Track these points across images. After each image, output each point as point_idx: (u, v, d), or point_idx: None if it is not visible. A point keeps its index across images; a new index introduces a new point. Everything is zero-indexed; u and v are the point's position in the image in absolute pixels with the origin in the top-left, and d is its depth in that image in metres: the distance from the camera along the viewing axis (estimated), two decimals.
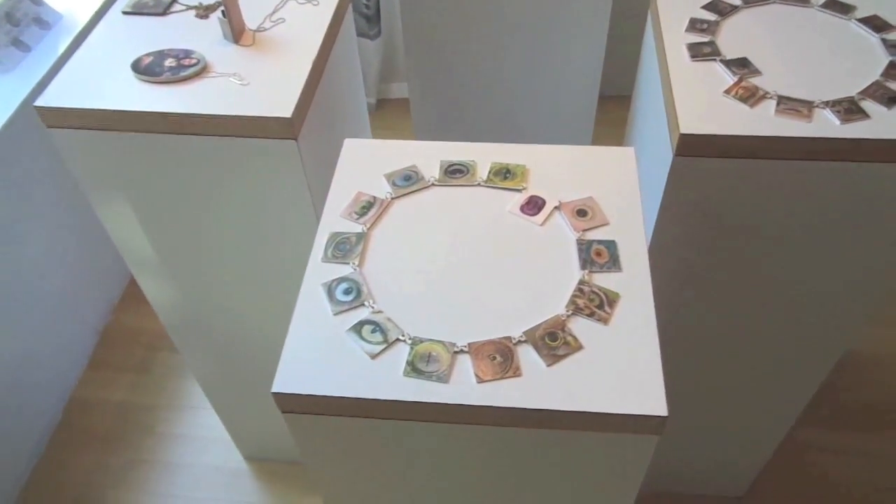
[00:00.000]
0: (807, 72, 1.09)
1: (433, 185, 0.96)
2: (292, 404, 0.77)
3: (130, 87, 1.12)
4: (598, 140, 1.74)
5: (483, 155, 0.99)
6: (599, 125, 1.66)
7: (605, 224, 0.90)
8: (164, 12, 1.28)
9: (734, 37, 1.16)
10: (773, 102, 1.04)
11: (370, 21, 2.57)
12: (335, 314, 0.82)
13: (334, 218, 0.93)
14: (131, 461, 2.01)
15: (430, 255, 0.88)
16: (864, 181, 1.03)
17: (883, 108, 1.02)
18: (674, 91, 1.06)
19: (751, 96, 1.05)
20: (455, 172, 0.97)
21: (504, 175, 0.96)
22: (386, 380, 0.76)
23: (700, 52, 1.13)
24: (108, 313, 2.33)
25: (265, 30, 1.24)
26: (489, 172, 0.96)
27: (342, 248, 0.89)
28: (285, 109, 1.07)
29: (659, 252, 1.14)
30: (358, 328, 0.80)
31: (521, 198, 0.93)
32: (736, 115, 1.03)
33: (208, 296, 1.43)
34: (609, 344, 0.78)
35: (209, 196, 1.20)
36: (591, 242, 0.87)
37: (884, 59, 1.10)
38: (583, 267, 0.85)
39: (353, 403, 0.76)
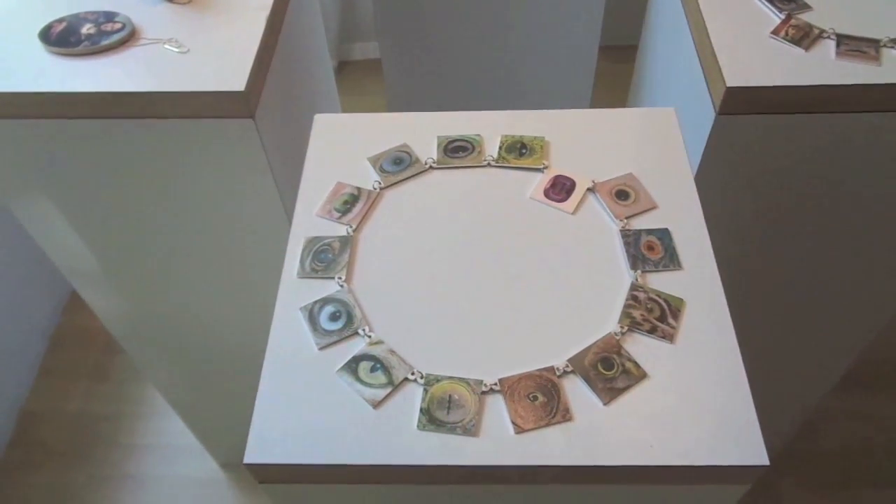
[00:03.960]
0: (864, 4, 0.91)
1: (431, 167, 0.76)
2: (272, 475, 0.58)
3: (40, 62, 0.90)
4: (598, 97, 1.55)
5: (489, 126, 0.80)
6: (599, 78, 1.47)
7: (653, 208, 0.72)
8: None
9: None
10: (832, 43, 0.86)
11: None
12: (320, 348, 0.63)
13: (309, 218, 0.73)
14: (93, 477, 1.82)
15: (437, 260, 0.69)
16: None
17: None
18: (710, 35, 0.87)
19: (804, 37, 0.87)
20: (457, 150, 0.77)
21: (519, 151, 0.77)
22: (395, 436, 0.58)
23: None
24: (58, 315, 2.10)
25: None
26: (500, 148, 0.77)
27: (323, 258, 0.69)
28: (237, 81, 0.86)
29: None
30: (352, 366, 0.62)
31: (543, 179, 0.74)
32: (789, 60, 0.85)
33: (161, 302, 1.22)
34: (680, 368, 0.60)
35: (151, 190, 0.99)
36: (639, 233, 0.69)
37: None
38: (633, 266, 0.67)
39: (353, 470, 0.57)
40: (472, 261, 0.69)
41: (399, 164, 0.76)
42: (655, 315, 0.63)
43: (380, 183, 0.75)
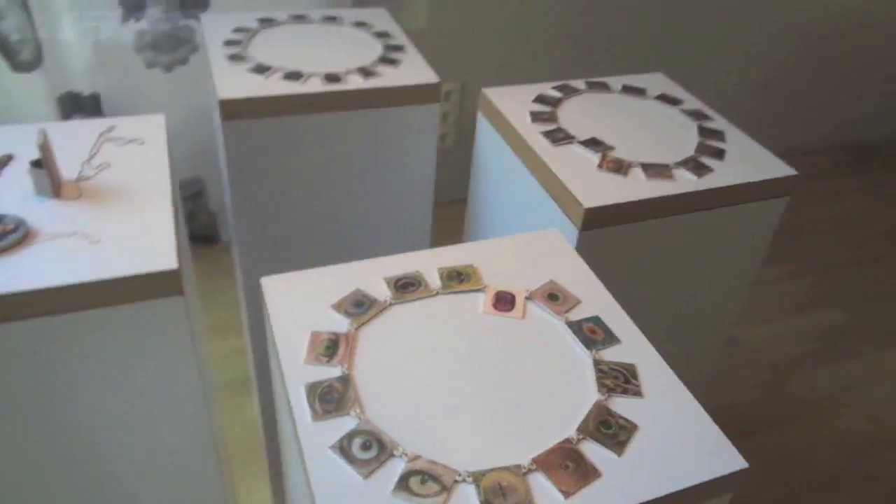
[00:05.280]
0: (643, 142, 1.24)
1: (391, 304, 0.85)
2: None
3: None
4: (436, 245, 1.73)
5: (420, 263, 0.92)
6: (435, 230, 1.66)
7: (579, 303, 0.88)
8: None
9: (572, 122, 1.27)
10: (639, 169, 1.15)
11: None
12: (365, 477, 0.66)
13: (297, 368, 0.77)
14: None
15: (431, 378, 0.77)
16: (720, 224, 1.19)
17: (718, 161, 1.19)
18: (556, 173, 1.12)
19: (620, 167, 1.15)
20: (406, 287, 0.88)
21: (458, 278, 0.90)
22: None
23: (557, 138, 1.21)
24: None
25: (89, 178, 1.02)
26: (441, 279, 0.89)
27: (330, 398, 0.73)
28: (167, 261, 0.88)
29: None
30: (403, 484, 0.66)
31: (487, 297, 0.88)
32: (618, 184, 1.11)
33: None
34: (656, 415, 0.75)
35: (55, 393, 0.92)
36: (579, 322, 0.85)
37: (691, 125, 1.30)
38: (588, 347, 0.82)
39: None
40: (460, 370, 0.78)
41: (361, 307, 0.84)
42: (621, 380, 0.78)
43: (352, 324, 0.82)
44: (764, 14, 2.98)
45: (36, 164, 0.96)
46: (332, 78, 1.33)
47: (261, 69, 1.34)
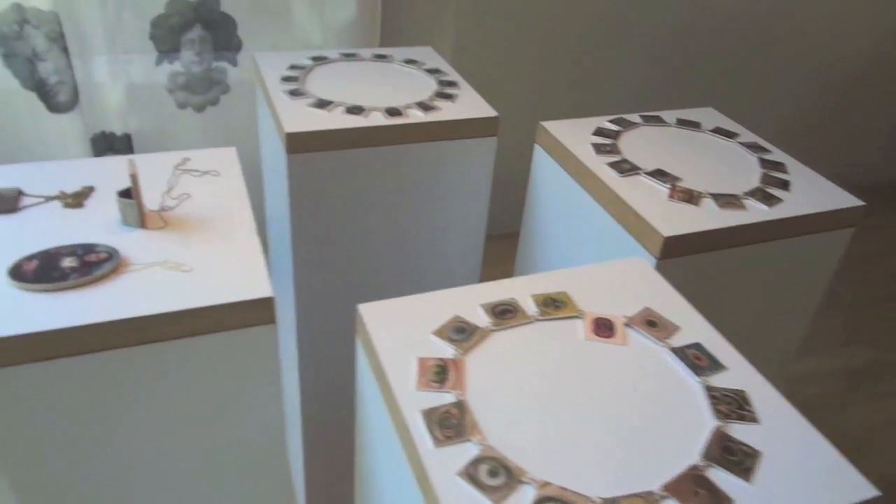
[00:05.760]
0: (707, 173, 1.25)
1: (491, 330, 0.85)
2: None
3: (21, 303, 0.82)
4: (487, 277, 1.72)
5: (513, 290, 0.91)
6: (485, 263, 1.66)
7: (678, 329, 0.88)
8: (16, 208, 0.98)
9: (634, 154, 1.28)
10: (710, 200, 1.16)
11: None
12: (497, 503, 0.65)
13: (410, 394, 0.76)
14: None
15: (544, 404, 0.76)
16: (788, 254, 1.19)
17: (784, 192, 1.20)
18: (630, 203, 1.12)
19: (691, 198, 1.15)
20: (504, 313, 0.87)
21: (554, 305, 0.89)
22: None
23: (623, 169, 1.22)
24: None
25: (171, 209, 1.02)
26: (537, 306, 0.89)
27: (448, 424, 0.72)
28: (262, 289, 0.87)
29: None
30: None
31: (586, 323, 0.87)
32: (692, 213, 1.12)
33: None
34: (777, 442, 0.74)
35: (143, 421, 0.90)
36: (682, 349, 0.84)
37: (751, 157, 1.32)
38: (697, 374, 0.81)
39: None
40: (573, 396, 0.77)
41: (462, 333, 0.84)
42: (735, 406, 0.77)
43: (458, 351, 0.81)
44: (780, 61, 3.05)
45: (124, 194, 0.95)
46: (393, 112, 1.34)
47: (322, 104, 1.36)
